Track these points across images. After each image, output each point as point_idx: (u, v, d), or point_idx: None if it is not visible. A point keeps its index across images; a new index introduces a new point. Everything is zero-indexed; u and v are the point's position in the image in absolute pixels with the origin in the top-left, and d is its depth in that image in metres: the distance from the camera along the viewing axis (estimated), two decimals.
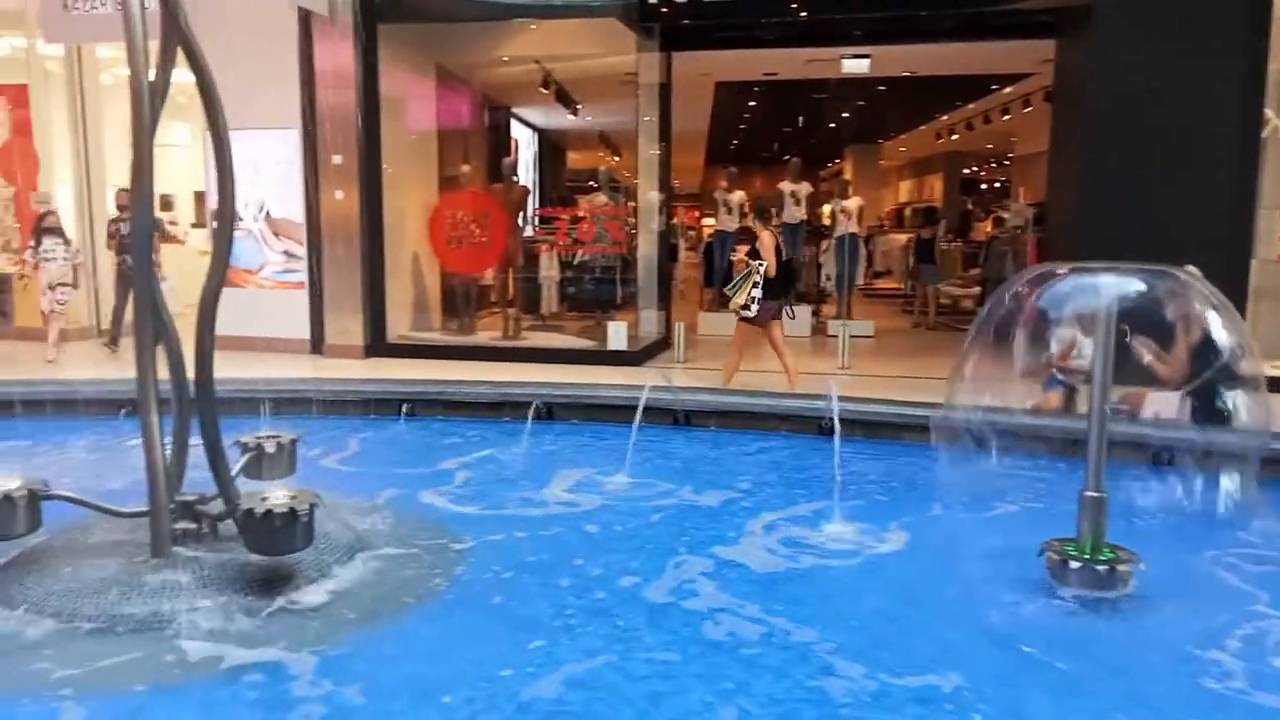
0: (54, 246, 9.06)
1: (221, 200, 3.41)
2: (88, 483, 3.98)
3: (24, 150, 10.56)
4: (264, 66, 8.94)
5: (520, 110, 15.80)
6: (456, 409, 5.80)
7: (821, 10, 8.65)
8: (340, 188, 9.38)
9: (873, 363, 9.51)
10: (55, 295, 9.10)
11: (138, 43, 3.11)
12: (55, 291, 9.10)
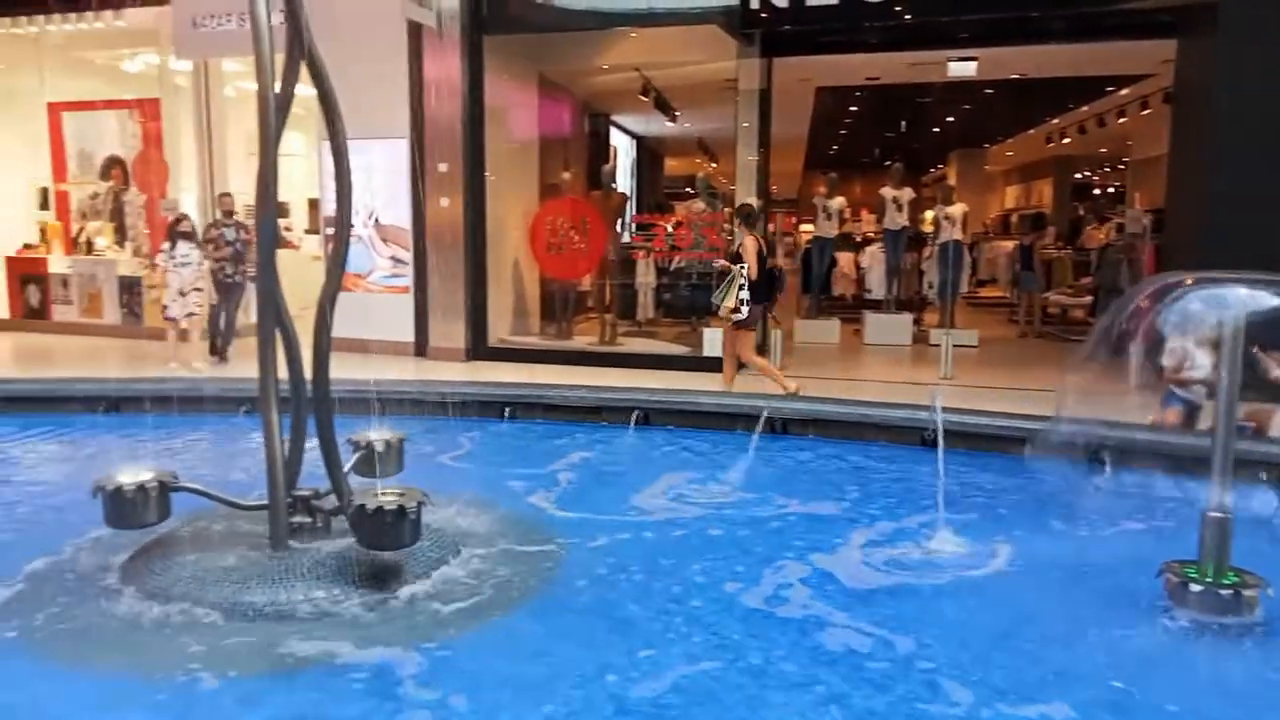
0: (189, 252, 9.14)
1: (340, 209, 3.55)
2: (210, 476, 4.18)
3: (155, 160, 11.20)
4: (376, 78, 9.28)
5: (619, 117, 15.97)
6: (555, 412, 5.88)
7: (927, 13, 8.49)
8: (445, 195, 9.66)
9: (977, 372, 9.26)
10: (188, 301, 9.19)
11: (265, 57, 3.26)
12: (188, 297, 9.18)
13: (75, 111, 12.08)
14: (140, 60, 12.20)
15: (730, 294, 7.42)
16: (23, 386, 6.17)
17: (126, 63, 12.49)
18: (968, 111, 16.02)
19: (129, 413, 5.73)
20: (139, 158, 11.54)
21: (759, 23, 9.07)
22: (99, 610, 3.11)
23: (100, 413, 5.81)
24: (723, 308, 7.58)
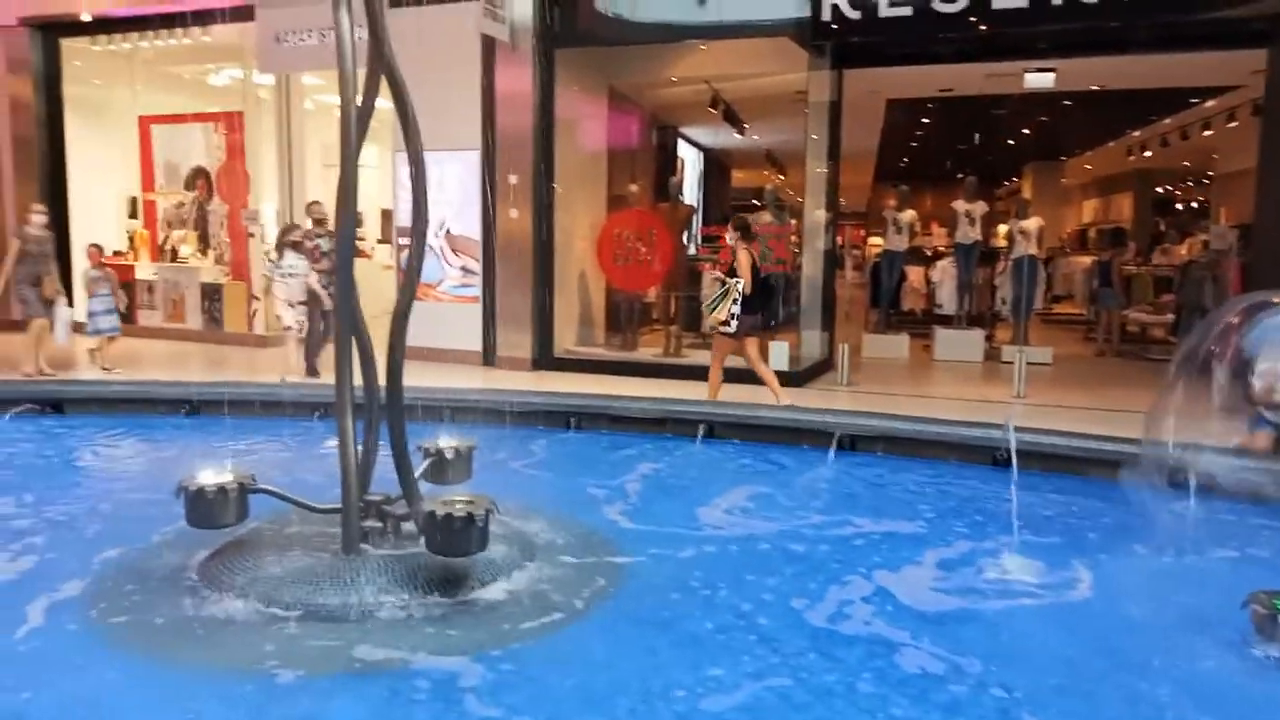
0: (296, 262, 8.78)
1: (415, 222, 3.62)
2: (283, 478, 4.29)
3: (238, 171, 11.58)
4: (450, 91, 9.45)
5: (687, 129, 16.00)
6: (620, 423, 5.90)
7: (1003, 24, 8.32)
8: (515, 206, 9.79)
9: (1051, 391, 9.02)
10: (297, 313, 8.81)
11: (348, 71, 3.35)
12: (296, 309, 8.80)
13: (164, 124, 12.57)
14: (225, 75, 12.66)
15: (723, 307, 7.59)
16: (115, 389, 6.42)
17: (212, 77, 12.97)
18: (1044, 123, 15.66)
19: (210, 415, 5.92)
20: (222, 169, 11.96)
21: (830, 35, 9.00)
22: (178, 606, 3.21)
23: (183, 414, 6.01)
24: (711, 318, 7.80)
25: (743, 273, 7.50)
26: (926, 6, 8.36)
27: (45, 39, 12.19)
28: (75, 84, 12.59)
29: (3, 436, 5.60)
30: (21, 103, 12.23)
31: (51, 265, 9.00)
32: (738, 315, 7.53)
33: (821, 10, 8.71)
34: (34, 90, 12.19)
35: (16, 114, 12.27)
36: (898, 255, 12.48)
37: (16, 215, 12.45)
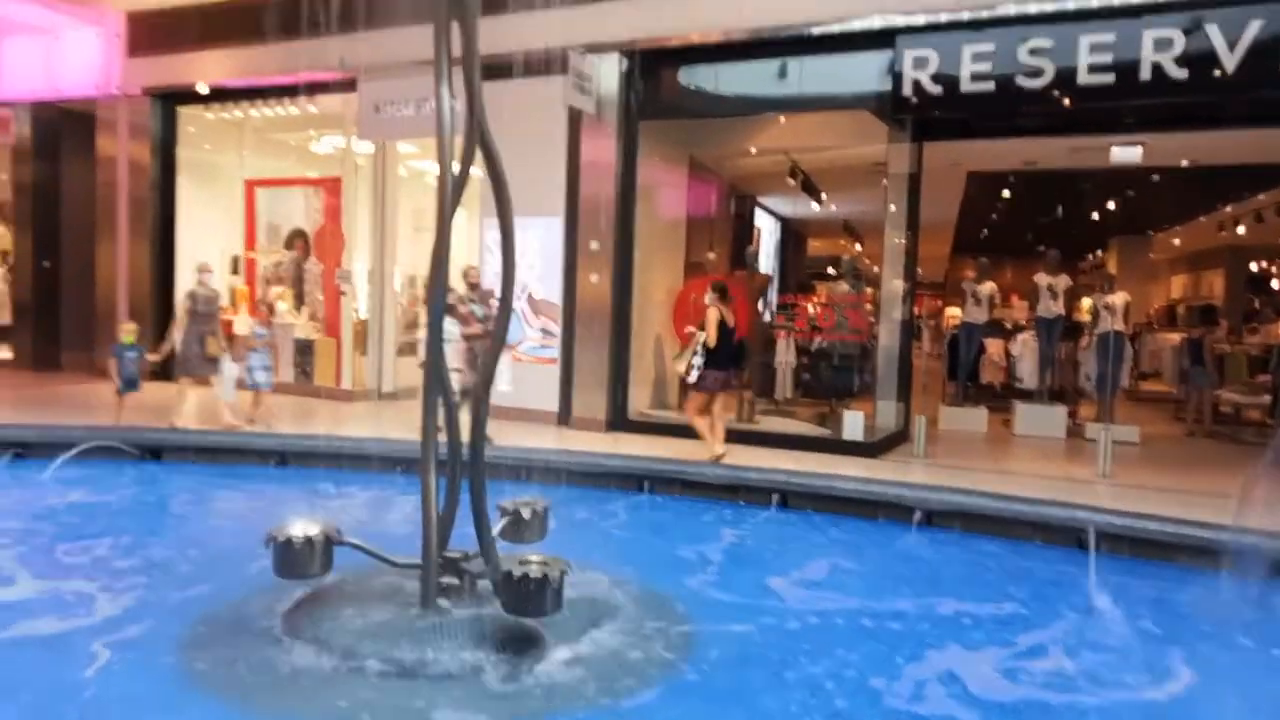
0: (451, 328, 8.28)
1: (505, 285, 3.75)
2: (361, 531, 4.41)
3: (334, 233, 12.09)
4: (536, 160, 9.76)
5: (765, 199, 16.16)
6: (693, 489, 5.91)
7: (1089, 99, 8.26)
8: (595, 272, 9.98)
9: (1139, 472, 8.70)
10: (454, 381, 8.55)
11: (447, 141, 3.53)
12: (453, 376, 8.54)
13: (268, 187, 13.25)
14: (327, 142, 13.31)
15: (682, 359, 8.18)
16: (211, 439, 6.69)
17: (314, 144, 13.64)
18: (1131, 197, 15.37)
19: (298, 466, 6.13)
20: (320, 230, 12.51)
21: (911, 109, 9.05)
22: (262, 655, 3.31)
23: (272, 465, 6.23)
24: (676, 369, 8.41)
25: (708, 328, 7.98)
26: (1009, 82, 8.37)
27: (164, 107, 13.03)
28: (188, 148, 13.38)
29: (105, 480, 5.89)
30: (139, 165, 13.04)
31: (217, 324, 9.33)
32: (699, 367, 7.95)
33: (902, 85, 8.78)
34: (151, 154, 13.00)
35: (134, 176, 13.08)
36: (976, 327, 12.30)
37: (130, 270, 13.21)
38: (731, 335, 8.15)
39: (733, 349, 8.27)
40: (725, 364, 8.13)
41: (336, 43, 9.35)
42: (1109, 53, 7.99)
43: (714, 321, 8.02)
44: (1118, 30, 7.96)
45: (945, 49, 8.57)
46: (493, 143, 3.68)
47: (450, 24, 3.48)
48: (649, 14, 9.38)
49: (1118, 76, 8.00)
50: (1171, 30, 7.78)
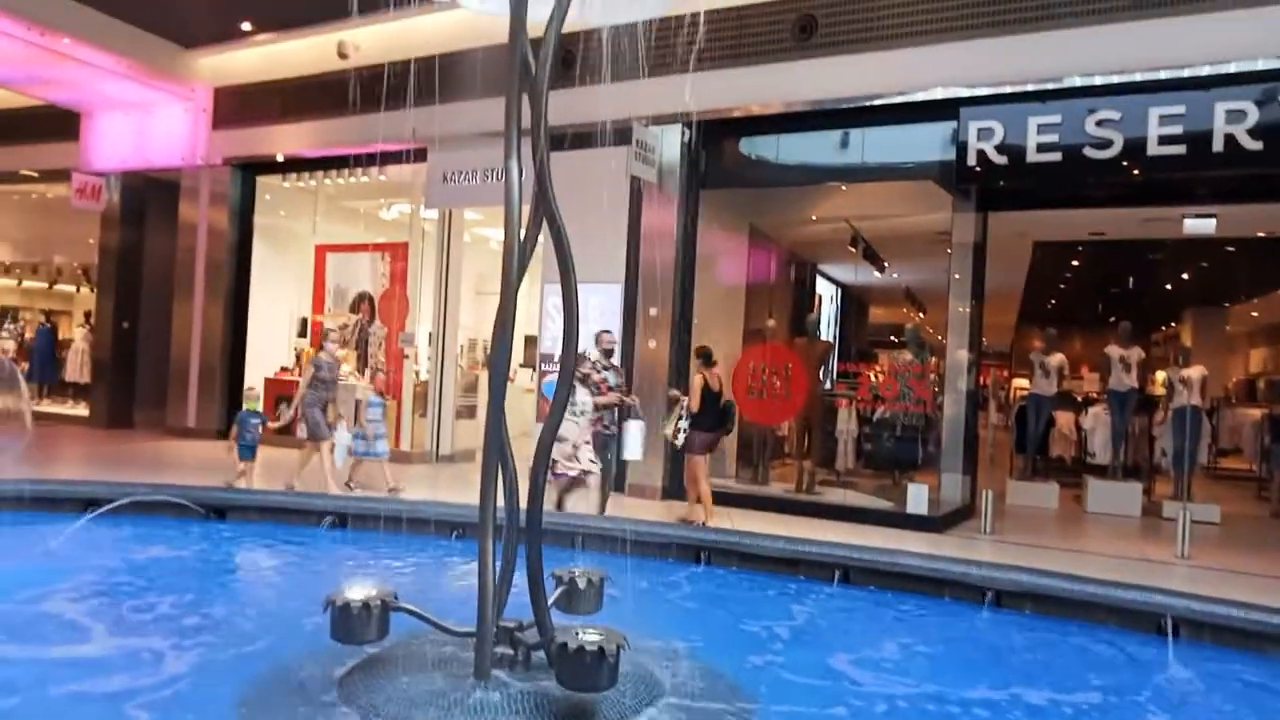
0: (586, 398, 7.71)
1: (565, 353, 3.76)
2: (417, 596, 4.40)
3: (400, 297, 12.38)
4: (599, 227, 9.91)
5: (825, 266, 16.12)
6: (752, 562, 5.78)
7: (1160, 170, 8.14)
8: (654, 337, 10.02)
9: (1220, 554, 8.31)
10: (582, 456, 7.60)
11: (515, 213, 3.58)
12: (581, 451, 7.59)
13: (337, 253, 13.68)
14: (395, 209, 13.73)
15: (669, 423, 8.64)
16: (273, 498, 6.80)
17: (383, 211, 14.10)
18: (1205, 268, 15.00)
19: (357, 529, 6.17)
20: (385, 294, 12.84)
21: (975, 179, 9.01)
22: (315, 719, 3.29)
23: (327, 527, 6.28)
24: (663, 433, 8.81)
25: (691, 393, 8.54)
26: (1077, 153, 8.29)
27: (244, 176, 13.62)
28: (264, 214, 13.91)
29: (170, 539, 5.99)
30: (217, 231, 13.59)
31: (336, 390, 9.52)
32: (686, 431, 8.49)
33: (967, 155, 8.76)
34: (229, 220, 13.56)
35: (213, 240, 13.63)
36: (1045, 400, 11.99)
37: (203, 331, 13.65)
38: (717, 399, 8.68)
39: (718, 412, 8.75)
40: (711, 427, 8.66)
41: (410, 115, 9.70)
42: (1179, 124, 7.89)
43: (697, 387, 8.58)
44: (1188, 102, 7.86)
45: (1010, 120, 8.55)
46: (558, 214, 3.73)
47: (521, 98, 3.57)
48: (711, 87, 9.54)
49: (1189, 147, 7.88)
50: (1244, 102, 7.67)
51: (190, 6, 11.72)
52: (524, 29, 3.37)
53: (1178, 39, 7.82)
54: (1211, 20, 7.71)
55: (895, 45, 8.99)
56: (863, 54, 9.13)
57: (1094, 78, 8.17)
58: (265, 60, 12.83)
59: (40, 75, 12.95)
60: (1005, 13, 8.52)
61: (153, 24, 12.30)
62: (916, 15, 8.90)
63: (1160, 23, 7.89)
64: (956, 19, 8.72)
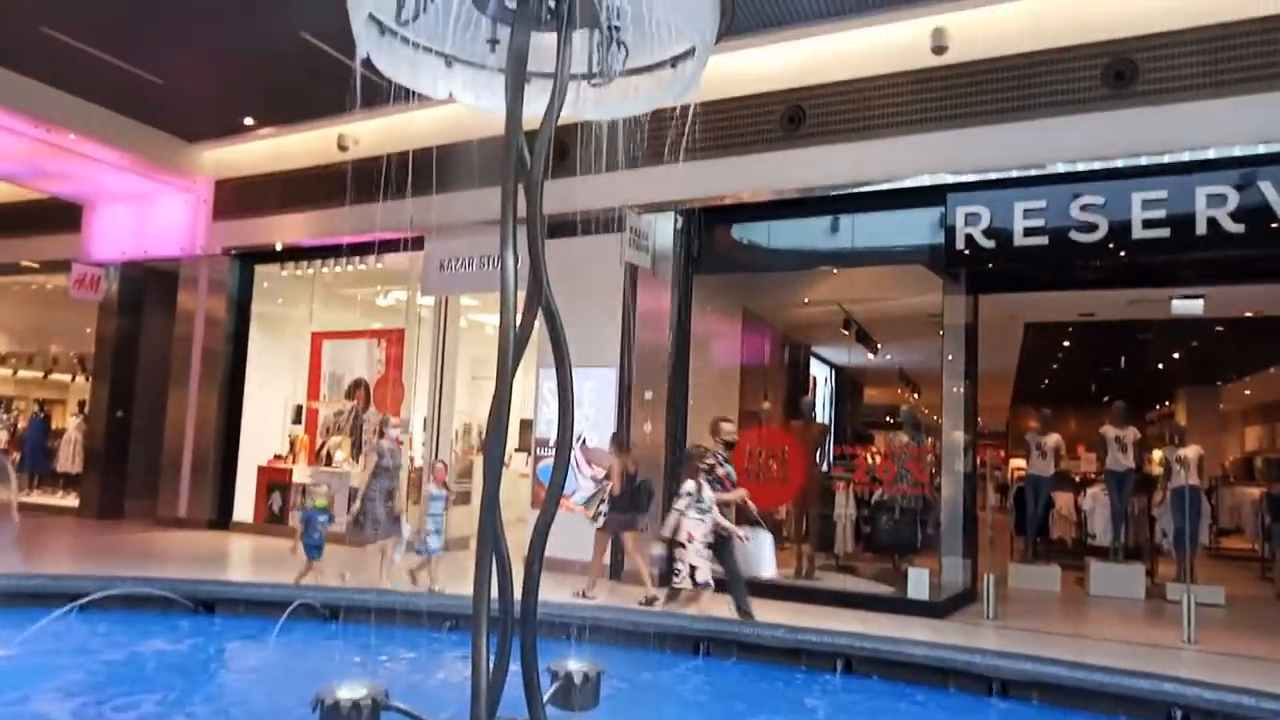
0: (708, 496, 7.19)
1: (560, 442, 3.74)
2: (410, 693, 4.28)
3: (395, 382, 12.39)
4: (594, 311, 10.01)
5: (819, 348, 16.23)
6: (752, 652, 5.66)
7: (1145, 252, 8.28)
8: (649, 421, 10.01)
9: (1227, 638, 8.17)
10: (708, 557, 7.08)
11: (510, 302, 3.61)
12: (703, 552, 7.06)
13: (333, 340, 13.76)
14: (392, 295, 13.86)
15: (592, 505, 9.46)
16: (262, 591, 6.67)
17: (380, 298, 14.22)
18: (1196, 348, 15.11)
19: (350, 622, 6.04)
20: (380, 380, 12.86)
21: (965, 262, 9.14)
22: None
23: (323, 619, 6.14)
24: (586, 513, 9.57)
25: (613, 478, 9.14)
26: (1063, 236, 8.44)
27: (242, 265, 13.77)
28: (262, 303, 14.02)
29: (157, 633, 5.85)
30: (215, 319, 13.67)
31: (400, 479, 9.25)
32: (606, 513, 9.18)
33: (955, 239, 8.91)
34: (227, 309, 13.65)
35: (210, 329, 13.70)
36: (1043, 480, 11.94)
37: (197, 420, 13.60)
38: (632, 480, 9.22)
39: (634, 494, 9.25)
40: (627, 509, 9.17)
41: (408, 205, 9.87)
42: (1162, 208, 8.06)
43: (618, 472, 9.19)
44: (1169, 186, 8.05)
45: (996, 204, 8.73)
46: (553, 302, 3.76)
47: (516, 188, 3.64)
48: (702, 176, 9.76)
49: (1173, 230, 8.03)
50: (1224, 186, 7.85)
51: (195, 103, 12.02)
52: (519, 124, 3.45)
53: (1155, 126, 8.05)
54: (1187, 109, 7.95)
55: (881, 134, 9.23)
56: (850, 143, 9.37)
57: (1076, 164, 8.37)
58: (266, 153, 13.11)
59: (46, 169, 13.21)
60: (987, 102, 8.78)
61: (158, 120, 12.60)
62: (900, 105, 9.16)
63: (1138, 111, 8.13)
64: (939, 109, 8.98)
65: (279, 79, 10.98)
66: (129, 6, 9.36)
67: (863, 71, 9.35)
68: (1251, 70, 7.76)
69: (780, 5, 8.99)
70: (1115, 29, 8.25)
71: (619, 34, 3.45)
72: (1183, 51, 8.02)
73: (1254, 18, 7.73)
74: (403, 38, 3.70)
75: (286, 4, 8.93)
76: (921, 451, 11.06)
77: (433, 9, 3.66)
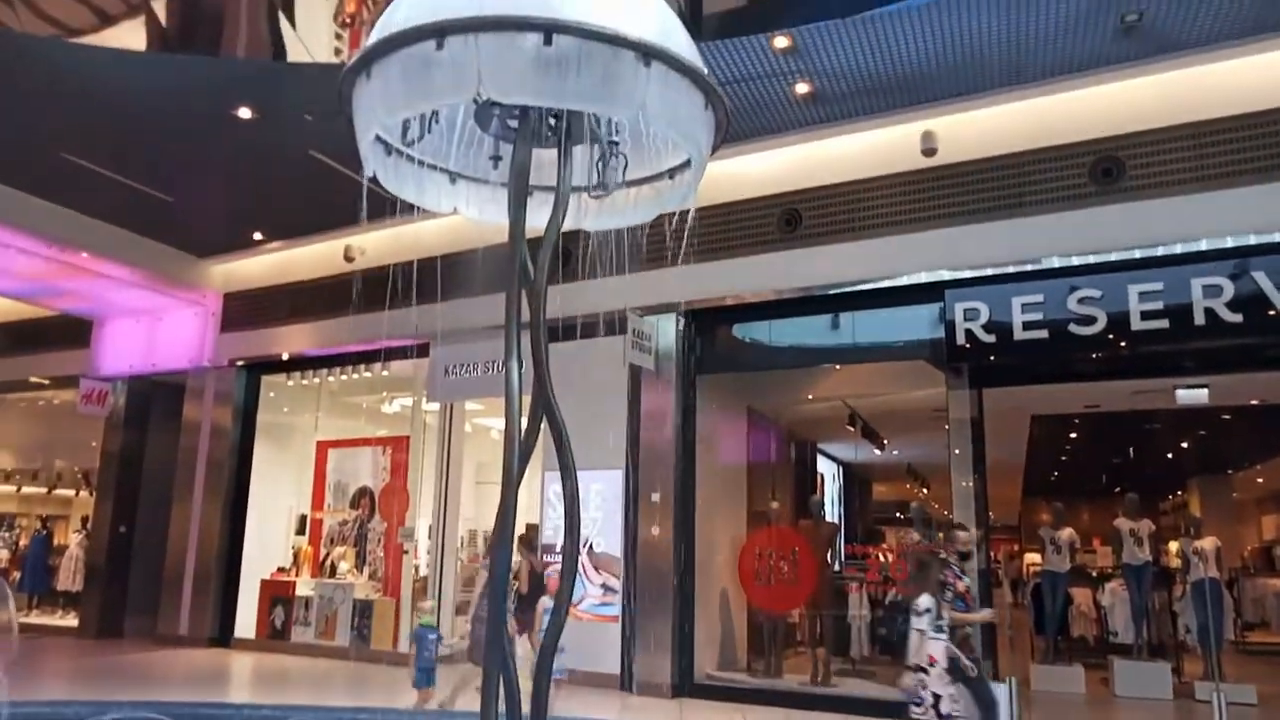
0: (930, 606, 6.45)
1: (567, 554, 3.69)
2: None
3: (400, 490, 12.32)
4: (599, 414, 10.01)
5: (826, 445, 16.17)
6: None
7: (1145, 343, 8.32)
8: (656, 524, 9.90)
9: None
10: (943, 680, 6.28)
11: (515, 411, 3.62)
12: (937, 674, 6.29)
13: (338, 448, 13.73)
14: (397, 403, 13.90)
15: None
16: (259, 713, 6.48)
17: (385, 405, 14.26)
18: (1204, 436, 15.04)
19: None
20: (385, 488, 12.78)
21: (966, 357, 9.18)
22: None
23: None
24: None
25: (520, 577, 8.97)
26: (1063, 329, 8.50)
27: (249, 376, 13.86)
28: (268, 412, 14.05)
29: None
30: (221, 430, 13.67)
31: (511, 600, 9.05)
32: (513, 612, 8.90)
33: (955, 334, 8.97)
34: (233, 419, 13.67)
35: (215, 440, 13.69)
36: (1060, 576, 11.70)
37: (200, 534, 13.46)
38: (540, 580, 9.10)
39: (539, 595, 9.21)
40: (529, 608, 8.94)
41: (413, 313, 10.01)
42: (1159, 299, 8.15)
43: (525, 572, 9.11)
44: (1164, 278, 8.15)
45: (994, 300, 8.83)
46: (557, 410, 3.76)
47: (520, 298, 3.69)
48: (703, 278, 9.91)
49: (1171, 321, 8.09)
50: (1218, 277, 7.94)
51: (206, 219, 12.33)
52: (522, 236, 3.53)
53: (1145, 220, 8.20)
54: (1175, 203, 8.12)
55: (876, 233, 9.41)
56: (846, 243, 9.54)
57: (1071, 258, 8.49)
58: (274, 265, 13.37)
59: (58, 288, 13.45)
60: (978, 200, 8.98)
61: (169, 236, 12.90)
62: (894, 205, 9.37)
63: (1127, 206, 8.30)
64: (933, 207, 9.17)
65: (287, 195, 11.29)
66: (143, 130, 9.69)
67: (856, 174, 9.60)
68: (1234, 164, 7.96)
69: (772, 115, 9.30)
70: (1099, 129, 8.50)
71: (617, 149, 3.56)
72: (1166, 148, 8.25)
73: (1230, 115, 7.97)
74: (409, 156, 3.82)
75: (295, 124, 9.25)
76: (933, 549, 10.88)
77: (437, 128, 3.80)
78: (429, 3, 2.94)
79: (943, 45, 7.94)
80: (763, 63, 8.26)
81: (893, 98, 8.94)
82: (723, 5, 7.59)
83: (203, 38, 7.93)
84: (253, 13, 7.68)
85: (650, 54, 2.96)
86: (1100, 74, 8.35)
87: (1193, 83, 8.13)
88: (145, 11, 7.46)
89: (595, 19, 2.87)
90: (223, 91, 8.83)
